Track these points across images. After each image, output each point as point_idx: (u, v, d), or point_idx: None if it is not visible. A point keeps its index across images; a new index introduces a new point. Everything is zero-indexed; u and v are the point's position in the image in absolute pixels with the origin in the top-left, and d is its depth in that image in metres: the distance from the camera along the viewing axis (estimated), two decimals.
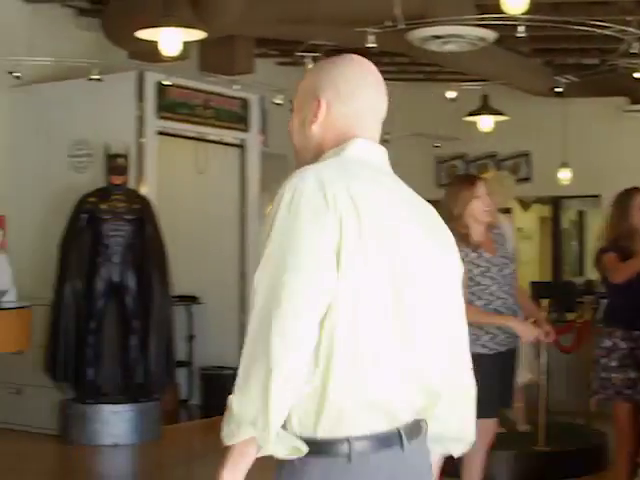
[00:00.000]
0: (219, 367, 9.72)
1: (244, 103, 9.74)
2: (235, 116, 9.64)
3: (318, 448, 2.15)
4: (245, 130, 9.77)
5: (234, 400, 2.12)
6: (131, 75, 8.73)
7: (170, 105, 8.93)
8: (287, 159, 12.25)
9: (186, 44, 7.47)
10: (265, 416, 2.08)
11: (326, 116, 2.35)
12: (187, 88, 9.12)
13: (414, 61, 11.43)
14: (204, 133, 9.46)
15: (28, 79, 9.02)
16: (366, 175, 2.26)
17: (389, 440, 2.18)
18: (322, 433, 2.15)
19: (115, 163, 8.44)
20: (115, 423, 8.19)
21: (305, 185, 2.14)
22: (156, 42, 7.28)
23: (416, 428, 2.25)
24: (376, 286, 2.16)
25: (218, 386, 9.67)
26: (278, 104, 10.14)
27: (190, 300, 9.92)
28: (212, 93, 9.41)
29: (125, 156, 8.48)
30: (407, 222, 2.27)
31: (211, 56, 10.09)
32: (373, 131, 2.40)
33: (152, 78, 8.75)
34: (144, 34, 7.12)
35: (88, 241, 8.40)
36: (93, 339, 8.36)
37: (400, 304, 2.19)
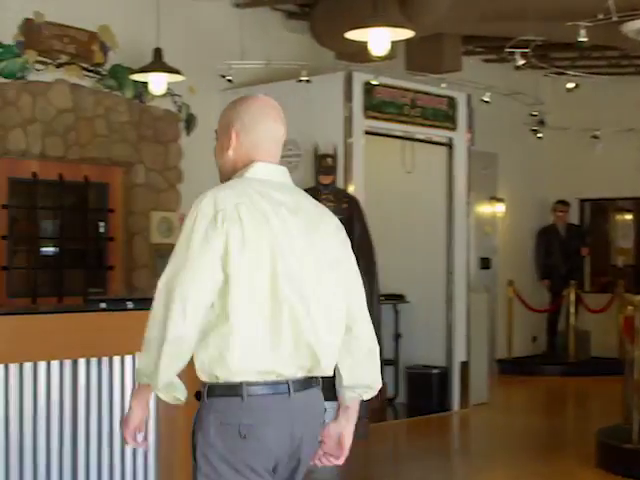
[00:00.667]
0: (425, 366, 9.72)
1: (451, 101, 9.69)
2: (442, 115, 9.61)
3: (221, 391, 2.91)
4: (452, 128, 9.73)
5: (139, 357, 2.96)
6: (339, 76, 8.83)
7: (377, 105, 8.97)
8: (496, 157, 12.13)
9: (393, 43, 7.49)
10: (156, 374, 2.87)
11: (236, 143, 3.07)
12: (394, 87, 9.15)
13: (626, 54, 11.12)
14: (411, 132, 9.48)
15: (240, 82, 9.26)
16: (257, 191, 2.96)
17: (278, 388, 2.92)
18: (223, 380, 2.90)
19: (324, 163, 8.55)
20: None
21: (203, 204, 2.89)
22: (363, 42, 7.32)
23: (305, 382, 2.99)
24: (256, 277, 2.87)
25: (424, 385, 9.67)
26: (485, 102, 10.04)
27: (397, 299, 9.93)
28: (419, 92, 9.40)
29: (333, 156, 8.59)
30: (287, 221, 2.96)
31: (418, 55, 10.10)
32: (273, 154, 3.11)
33: (360, 78, 8.82)
34: (353, 35, 7.17)
35: None
36: None
37: (279, 289, 2.90)
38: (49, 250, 8.80)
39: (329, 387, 3.21)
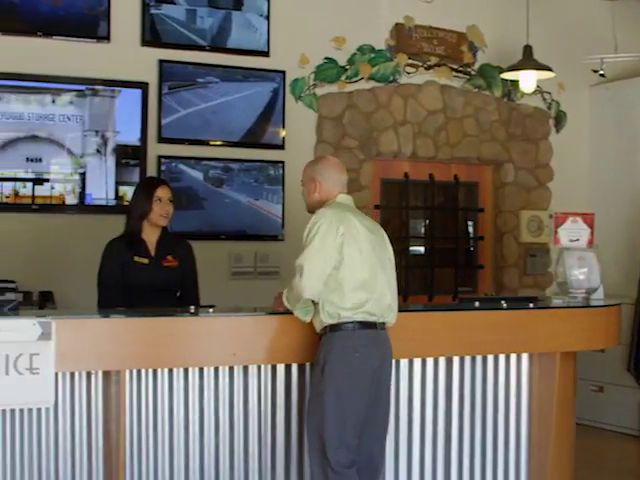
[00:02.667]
0: None
1: None
2: None
3: (339, 326, 4.59)
4: None
5: (285, 296, 4.73)
6: None
7: None
8: None
9: None
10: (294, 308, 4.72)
11: (319, 188, 4.86)
12: None
13: None
14: None
15: (612, 76, 9.02)
16: (346, 210, 4.73)
17: (373, 326, 4.64)
18: (339, 321, 4.59)
19: None
20: None
21: (325, 218, 4.62)
22: None
23: (383, 325, 4.69)
24: (357, 258, 4.61)
25: None
26: None
27: None
28: None
29: None
30: (364, 229, 4.71)
31: None
32: (343, 190, 4.90)
33: None
34: None
35: None
36: None
37: (368, 266, 4.64)
38: (419, 249, 8.96)
39: None
